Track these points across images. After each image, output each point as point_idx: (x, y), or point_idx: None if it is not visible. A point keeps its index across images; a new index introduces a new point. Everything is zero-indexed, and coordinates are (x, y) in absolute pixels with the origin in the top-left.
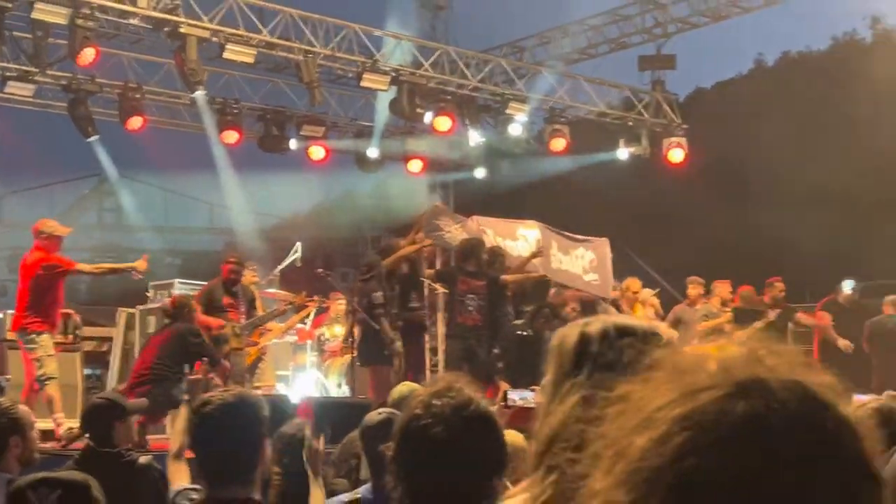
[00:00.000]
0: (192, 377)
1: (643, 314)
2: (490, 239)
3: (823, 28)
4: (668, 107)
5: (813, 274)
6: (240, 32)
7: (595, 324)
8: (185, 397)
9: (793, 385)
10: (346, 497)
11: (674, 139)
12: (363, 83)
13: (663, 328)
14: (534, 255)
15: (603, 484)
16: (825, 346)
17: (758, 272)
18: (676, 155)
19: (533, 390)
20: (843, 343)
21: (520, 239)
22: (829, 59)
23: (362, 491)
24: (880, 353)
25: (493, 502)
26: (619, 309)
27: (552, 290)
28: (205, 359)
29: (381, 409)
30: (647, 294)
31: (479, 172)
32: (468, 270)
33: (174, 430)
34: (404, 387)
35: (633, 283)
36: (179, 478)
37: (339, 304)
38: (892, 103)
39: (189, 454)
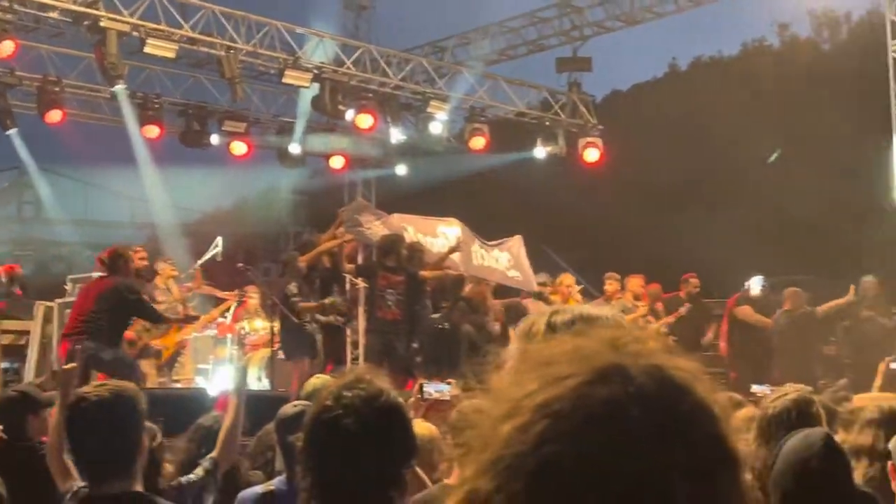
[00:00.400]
0: (66, 367)
1: None
2: (410, 235)
3: (734, 34)
4: (584, 108)
5: (721, 273)
6: (161, 27)
7: (563, 313)
8: (61, 391)
9: (652, 370)
10: (260, 489)
11: (589, 139)
12: (285, 79)
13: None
14: (452, 251)
15: (469, 472)
16: (733, 342)
17: (669, 269)
18: (592, 154)
19: (449, 383)
20: (766, 321)
21: (440, 236)
22: (739, 64)
23: (276, 483)
24: (777, 349)
25: (400, 491)
26: (547, 302)
27: (469, 285)
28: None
29: (296, 402)
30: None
31: (401, 169)
32: (388, 266)
33: (50, 425)
34: (317, 379)
35: (567, 277)
36: (67, 474)
37: (251, 299)
38: (797, 105)
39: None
